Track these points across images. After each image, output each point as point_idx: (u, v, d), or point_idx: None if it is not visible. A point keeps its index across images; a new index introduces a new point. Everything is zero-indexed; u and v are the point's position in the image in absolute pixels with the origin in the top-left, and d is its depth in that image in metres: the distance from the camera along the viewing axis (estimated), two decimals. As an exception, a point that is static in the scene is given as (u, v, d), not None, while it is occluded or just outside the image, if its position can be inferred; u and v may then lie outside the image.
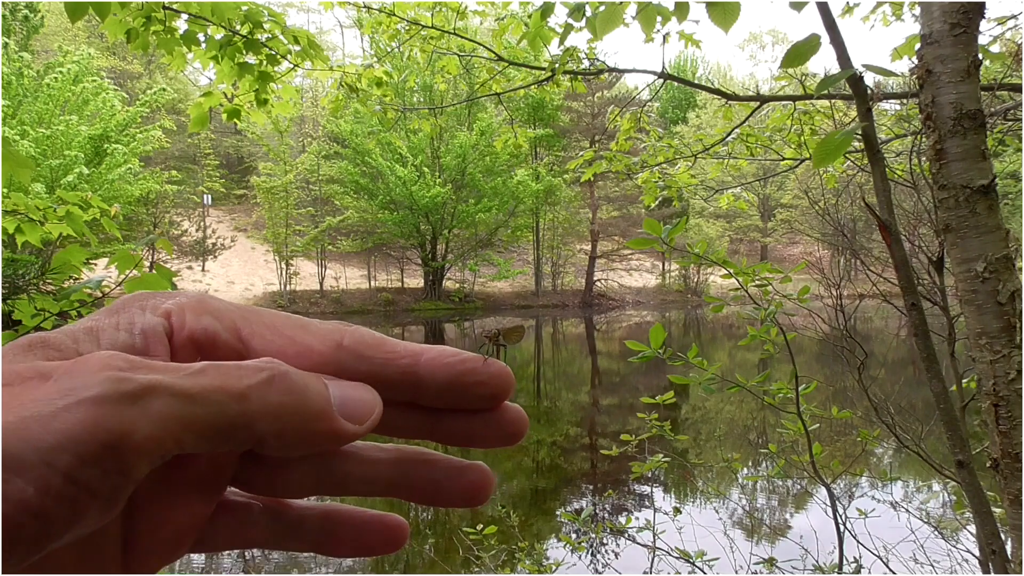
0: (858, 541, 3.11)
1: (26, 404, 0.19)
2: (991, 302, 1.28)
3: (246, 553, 5.72)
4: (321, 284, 28.96)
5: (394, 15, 3.83)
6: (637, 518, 5.51)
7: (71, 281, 1.98)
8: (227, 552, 5.72)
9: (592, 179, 5.74)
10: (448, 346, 0.26)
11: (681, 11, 2.54)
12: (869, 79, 1.59)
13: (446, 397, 0.26)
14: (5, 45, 18.14)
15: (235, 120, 3.41)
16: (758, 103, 3.88)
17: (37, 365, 0.21)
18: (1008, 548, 1.49)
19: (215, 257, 30.55)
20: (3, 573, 0.19)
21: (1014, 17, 3.67)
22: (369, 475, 0.27)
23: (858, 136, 1.68)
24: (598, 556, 5.00)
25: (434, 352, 0.26)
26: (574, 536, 4.75)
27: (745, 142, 4.23)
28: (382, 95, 4.01)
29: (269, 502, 0.28)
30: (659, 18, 2.63)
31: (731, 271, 2.35)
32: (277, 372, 0.23)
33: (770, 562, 3.42)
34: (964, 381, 2.31)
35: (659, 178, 4.47)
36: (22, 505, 0.18)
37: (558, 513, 6.33)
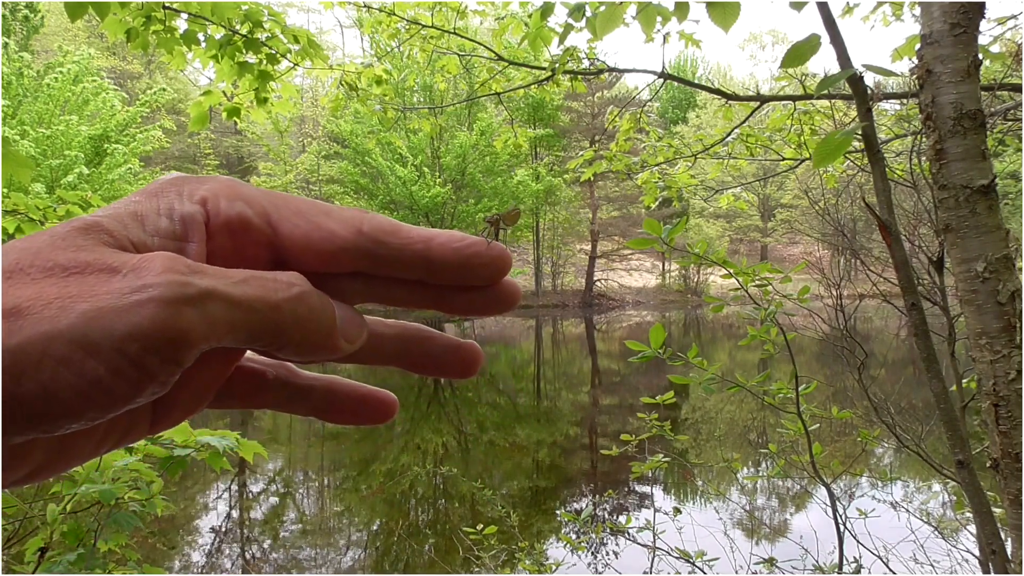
0: (858, 541, 3.11)
1: (99, 295, 0.22)
2: (991, 302, 1.28)
3: (246, 553, 5.72)
4: (321, 284, 28.88)
5: (394, 14, 3.83)
6: (637, 518, 5.51)
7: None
8: (227, 552, 5.73)
9: (592, 179, 5.74)
10: (456, 231, 0.29)
11: (681, 11, 2.54)
12: (869, 79, 1.59)
13: (454, 276, 0.29)
14: (5, 45, 18.13)
15: (235, 119, 3.42)
16: (758, 103, 3.88)
17: (105, 257, 0.23)
18: (1008, 548, 1.49)
19: (215, 257, 30.50)
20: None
21: (1014, 17, 3.67)
22: (375, 347, 0.30)
23: (858, 136, 1.68)
24: (598, 556, 5.00)
25: (444, 237, 0.28)
26: (574, 536, 4.75)
27: (745, 142, 4.23)
28: (382, 94, 4.01)
29: (280, 370, 0.32)
30: (659, 18, 2.63)
31: (731, 271, 2.35)
32: (304, 290, 0.26)
33: (770, 562, 3.42)
34: (964, 381, 2.31)
35: (659, 178, 4.47)
36: (95, 382, 0.21)
37: (558, 513, 6.33)
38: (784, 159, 4.37)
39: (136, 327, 0.22)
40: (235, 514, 6.68)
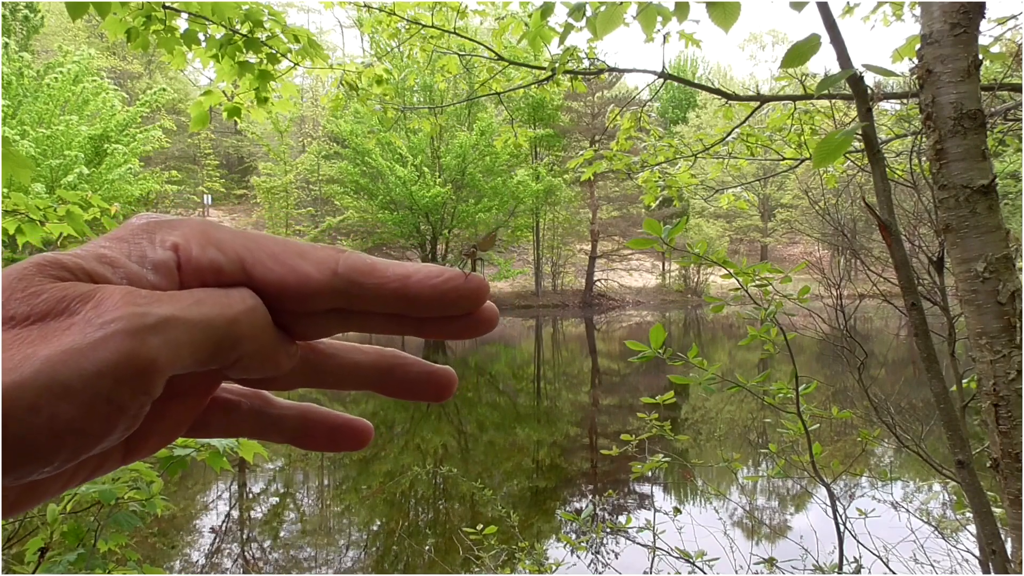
0: (858, 541, 3.11)
1: (63, 339, 0.22)
2: (991, 302, 1.28)
3: (246, 553, 5.72)
4: (321, 284, 28.91)
5: (394, 14, 3.83)
6: (637, 518, 5.51)
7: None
8: (227, 553, 5.73)
9: (592, 179, 5.75)
10: (432, 265, 0.29)
11: (681, 11, 2.54)
12: (869, 79, 1.59)
13: (433, 310, 0.29)
14: (5, 45, 18.13)
15: (235, 119, 3.41)
16: (758, 103, 3.88)
17: (67, 293, 0.23)
18: (1008, 548, 1.49)
19: (215, 257, 30.53)
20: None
21: (1014, 17, 3.67)
22: (351, 373, 0.31)
23: (858, 136, 1.68)
24: (598, 556, 4.99)
25: (421, 274, 0.28)
26: (574, 536, 4.75)
27: (745, 142, 4.23)
28: (382, 93, 4.01)
29: (254, 400, 0.32)
30: (659, 18, 2.63)
31: (731, 271, 2.35)
32: (257, 302, 0.27)
33: (770, 562, 3.42)
34: (964, 381, 2.31)
35: (659, 178, 4.47)
36: (67, 424, 0.22)
37: (558, 513, 6.33)
38: (784, 159, 4.37)
39: (105, 362, 0.22)
40: (235, 514, 6.68)
